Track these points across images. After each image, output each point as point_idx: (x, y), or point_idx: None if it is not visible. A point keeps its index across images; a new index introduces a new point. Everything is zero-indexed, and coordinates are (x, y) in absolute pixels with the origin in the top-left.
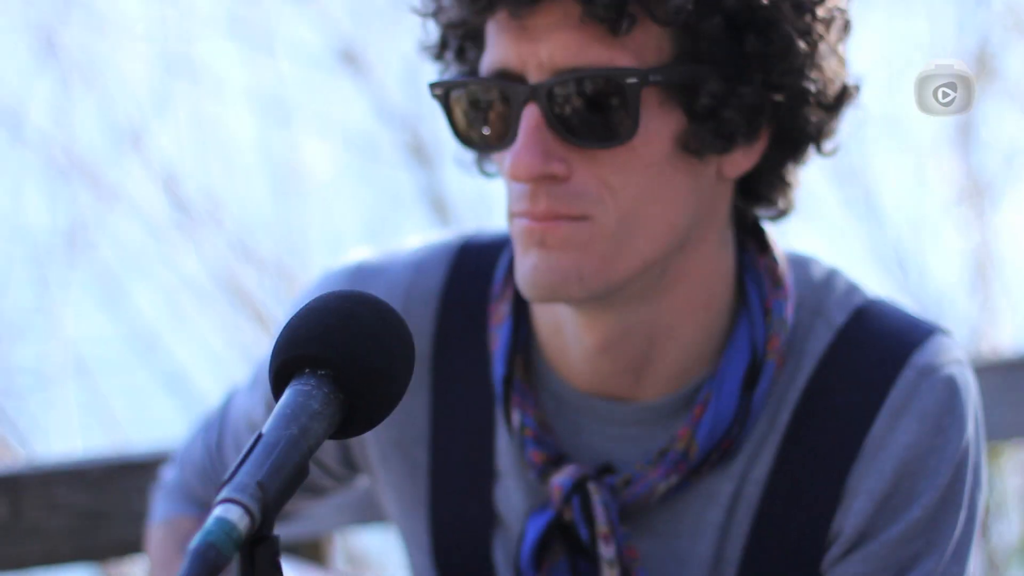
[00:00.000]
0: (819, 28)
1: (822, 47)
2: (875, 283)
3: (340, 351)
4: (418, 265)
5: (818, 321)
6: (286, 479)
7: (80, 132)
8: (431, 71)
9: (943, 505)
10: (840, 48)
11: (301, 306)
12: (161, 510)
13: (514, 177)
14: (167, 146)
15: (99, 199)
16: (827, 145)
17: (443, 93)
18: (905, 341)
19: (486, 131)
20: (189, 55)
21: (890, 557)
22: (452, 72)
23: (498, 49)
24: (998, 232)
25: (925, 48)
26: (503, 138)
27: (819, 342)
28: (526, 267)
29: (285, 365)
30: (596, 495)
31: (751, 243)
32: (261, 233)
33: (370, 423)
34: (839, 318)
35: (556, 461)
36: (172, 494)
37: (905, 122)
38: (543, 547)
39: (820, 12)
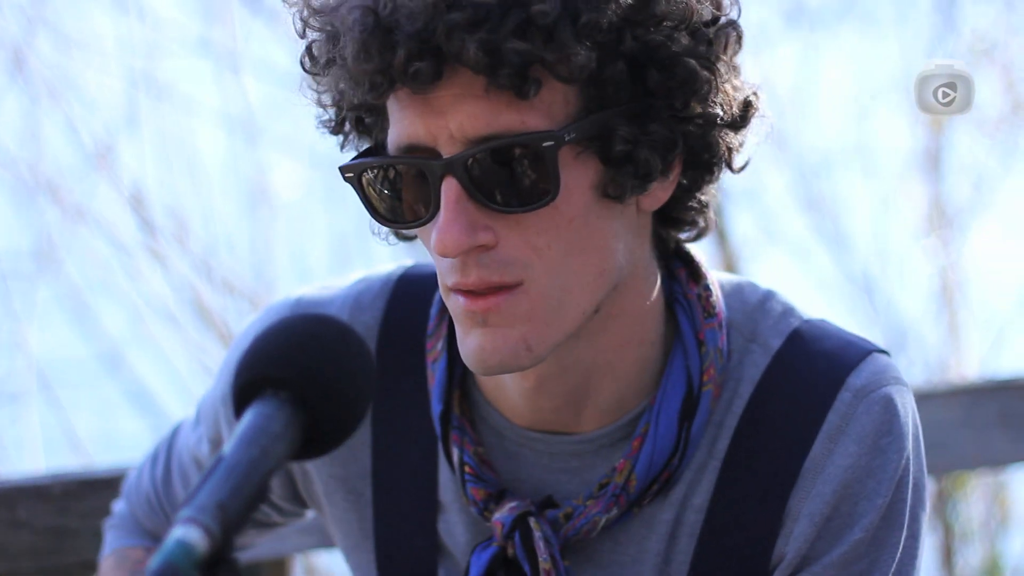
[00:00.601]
0: (716, 50)
1: (721, 67)
2: (842, 309)
3: (301, 372)
4: (357, 298)
5: (753, 347)
6: (247, 500)
7: (47, 150)
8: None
9: (884, 525)
10: (736, 62)
11: (250, 336)
12: (110, 541)
13: (442, 254)
14: (134, 165)
15: (66, 217)
16: (737, 161)
17: (355, 176)
18: (841, 363)
19: (405, 208)
20: (157, 74)
21: None
22: (352, 145)
23: (405, 124)
24: (965, 259)
25: (894, 74)
26: (424, 214)
27: (755, 368)
28: (471, 347)
29: (247, 386)
30: (537, 531)
31: (681, 272)
32: (228, 253)
33: (332, 444)
34: (775, 342)
35: (497, 497)
36: (120, 527)
37: (873, 149)
38: None
39: (714, 34)
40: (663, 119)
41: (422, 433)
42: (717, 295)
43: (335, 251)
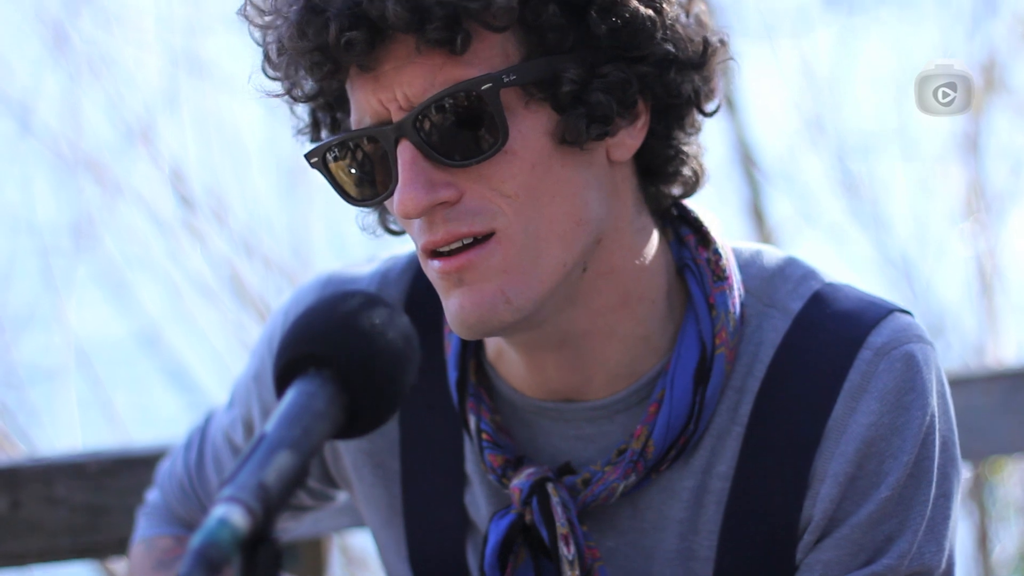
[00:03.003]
0: None
1: (669, 9)
2: (879, 293)
3: (345, 351)
4: (384, 275)
5: (772, 311)
6: (288, 479)
7: (88, 127)
8: None
9: (911, 483)
10: (694, 7)
11: (281, 317)
12: (141, 529)
13: (403, 215)
14: (174, 142)
15: (105, 194)
16: (708, 106)
17: (320, 160)
18: (861, 322)
19: (371, 185)
20: (197, 51)
21: (863, 539)
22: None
23: (359, 104)
24: (1003, 244)
25: (934, 59)
26: (387, 186)
27: (775, 332)
28: (453, 309)
29: (290, 364)
30: (555, 496)
31: (690, 238)
32: (266, 230)
33: (374, 423)
34: (795, 305)
35: (515, 463)
36: (153, 515)
37: (913, 132)
38: (507, 549)
39: None
40: (613, 60)
41: (446, 407)
42: (728, 259)
43: None
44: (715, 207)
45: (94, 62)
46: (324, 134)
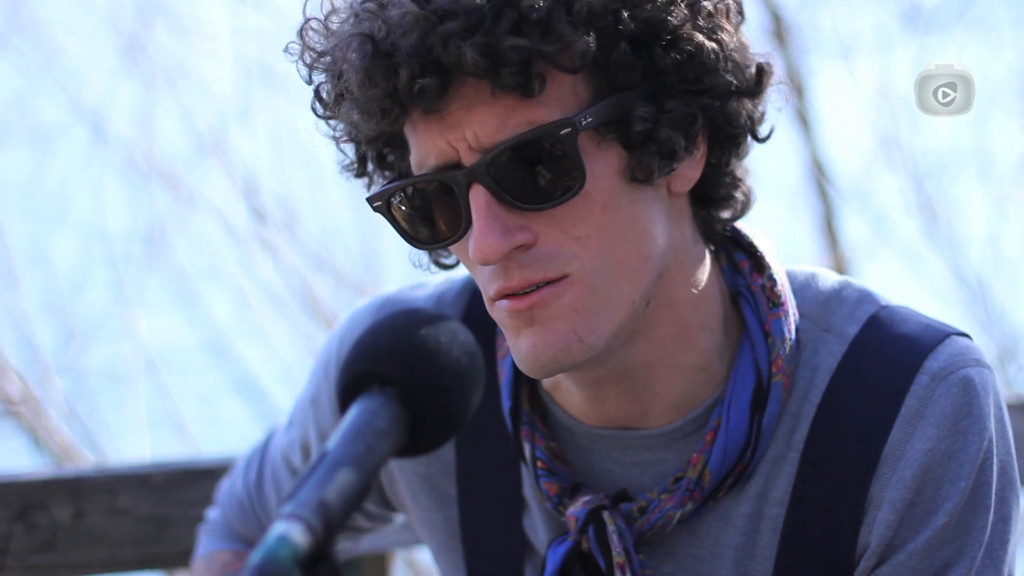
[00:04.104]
0: (718, 20)
1: (729, 40)
2: (954, 315)
3: (408, 368)
4: (440, 297)
5: (828, 336)
6: (349, 497)
7: (162, 137)
8: None
9: (969, 509)
10: (741, 32)
11: (337, 340)
12: (202, 546)
13: (483, 262)
14: (247, 153)
15: (178, 204)
16: (761, 131)
17: (384, 203)
18: (918, 346)
19: (438, 228)
20: (271, 62)
21: (920, 566)
22: (379, 182)
23: (424, 145)
24: None
25: (1010, 77)
26: (457, 228)
27: (831, 356)
28: (524, 349)
29: (353, 382)
30: (611, 524)
31: (744, 264)
32: (338, 244)
33: (436, 442)
34: (851, 329)
35: (571, 491)
36: (214, 532)
37: (988, 152)
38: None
39: (713, 5)
40: (678, 95)
41: (502, 432)
42: (783, 284)
43: None
44: (788, 226)
45: (169, 73)
46: (371, 168)
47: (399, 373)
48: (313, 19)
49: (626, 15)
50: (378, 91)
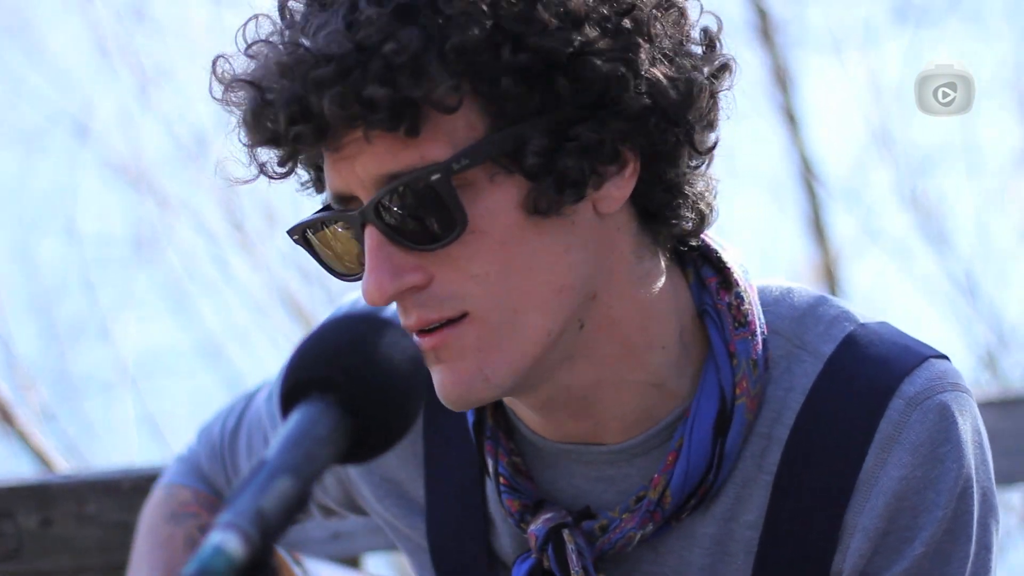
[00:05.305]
0: (632, 39)
1: (644, 57)
2: (943, 310)
3: (348, 374)
4: None
5: (802, 354)
6: (288, 505)
7: (146, 140)
8: None
9: (949, 538)
10: (668, 44)
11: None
12: (169, 474)
13: (369, 303)
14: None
15: (165, 208)
16: (705, 142)
17: (300, 237)
18: (894, 369)
19: (346, 263)
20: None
21: None
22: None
23: (329, 178)
24: None
25: (1001, 71)
26: (362, 265)
27: (805, 376)
28: (436, 383)
29: (293, 388)
30: (570, 543)
31: (711, 281)
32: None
33: (379, 449)
34: (826, 348)
35: (534, 508)
36: (183, 463)
37: (979, 147)
38: None
39: (626, 23)
40: (586, 121)
41: (470, 446)
42: (750, 302)
43: None
44: (776, 224)
45: (151, 75)
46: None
47: (338, 379)
48: (219, 57)
49: (508, 48)
50: (264, 136)
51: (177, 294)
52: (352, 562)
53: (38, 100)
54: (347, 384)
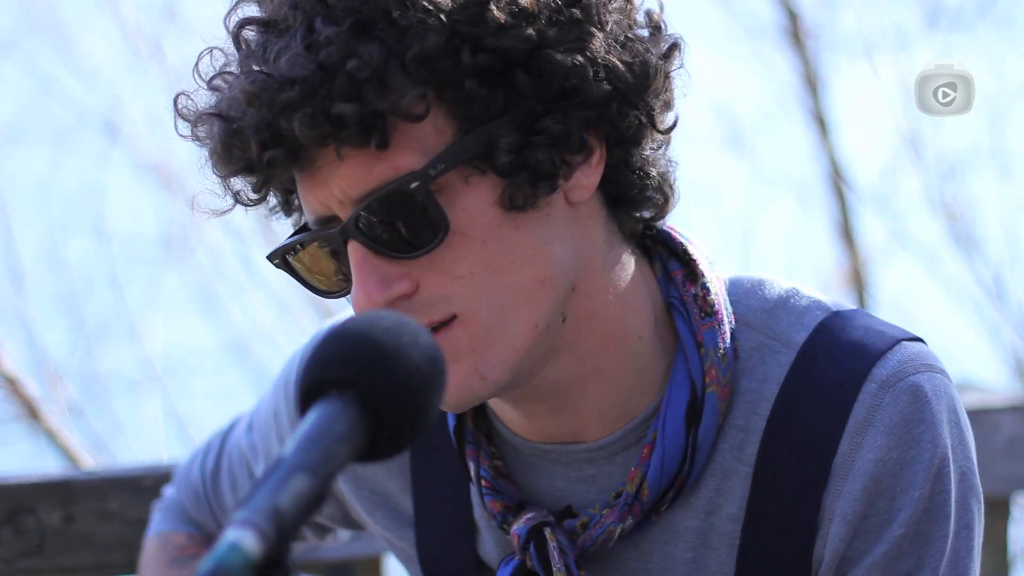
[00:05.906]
0: (585, 28)
1: (597, 45)
2: (972, 315)
3: (367, 372)
4: None
5: (775, 344)
6: (305, 503)
7: (177, 141)
8: None
9: (927, 519)
10: (618, 30)
11: (317, 339)
12: (156, 523)
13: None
14: None
15: (196, 207)
16: (665, 122)
17: (281, 261)
18: (866, 353)
19: (331, 281)
20: None
21: None
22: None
23: (305, 200)
24: None
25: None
26: (349, 281)
27: (780, 367)
28: None
29: (311, 386)
30: (552, 541)
31: (677, 274)
32: None
33: (396, 448)
34: (799, 337)
35: (516, 509)
36: (168, 510)
37: (1009, 152)
38: None
39: (576, 13)
40: (549, 114)
41: (452, 453)
42: (716, 293)
43: None
44: (804, 228)
45: (181, 76)
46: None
47: (357, 376)
48: (180, 94)
49: (467, 51)
50: (237, 166)
51: (205, 293)
52: (373, 562)
53: (68, 99)
54: (365, 382)
